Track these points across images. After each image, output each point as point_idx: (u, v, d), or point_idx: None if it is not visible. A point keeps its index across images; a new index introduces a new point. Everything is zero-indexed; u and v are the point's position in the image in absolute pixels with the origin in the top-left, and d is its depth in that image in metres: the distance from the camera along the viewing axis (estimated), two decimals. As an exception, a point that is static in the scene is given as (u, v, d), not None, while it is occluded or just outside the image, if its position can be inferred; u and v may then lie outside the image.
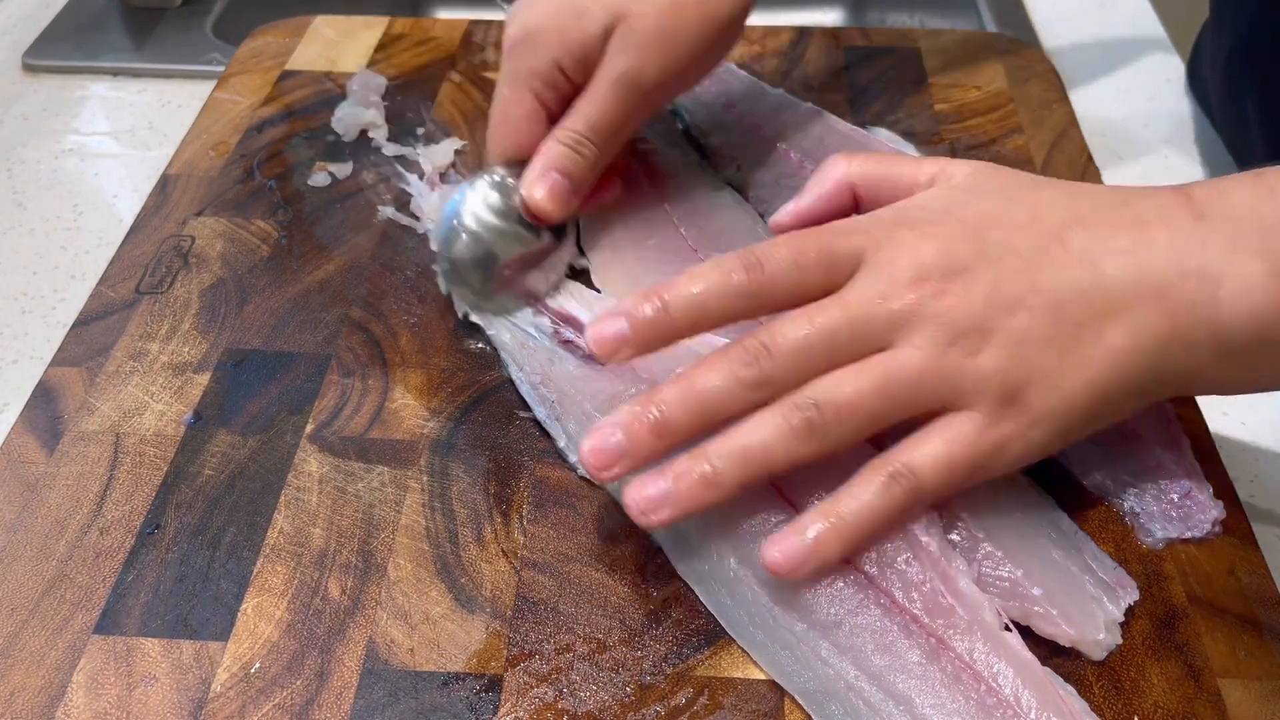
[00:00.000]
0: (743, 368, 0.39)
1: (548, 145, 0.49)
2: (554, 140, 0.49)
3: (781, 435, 0.38)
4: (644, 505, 0.39)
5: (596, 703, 0.38)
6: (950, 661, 0.38)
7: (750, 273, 0.40)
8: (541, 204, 0.49)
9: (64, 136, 0.68)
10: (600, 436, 0.40)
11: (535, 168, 0.49)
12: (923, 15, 0.89)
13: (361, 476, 0.45)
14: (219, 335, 0.51)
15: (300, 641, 0.40)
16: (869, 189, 0.45)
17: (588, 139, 0.49)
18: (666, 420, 0.39)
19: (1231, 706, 0.38)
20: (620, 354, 0.40)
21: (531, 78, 0.49)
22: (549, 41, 0.48)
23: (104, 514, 0.43)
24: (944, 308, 0.39)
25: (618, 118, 0.49)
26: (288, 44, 0.69)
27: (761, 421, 0.39)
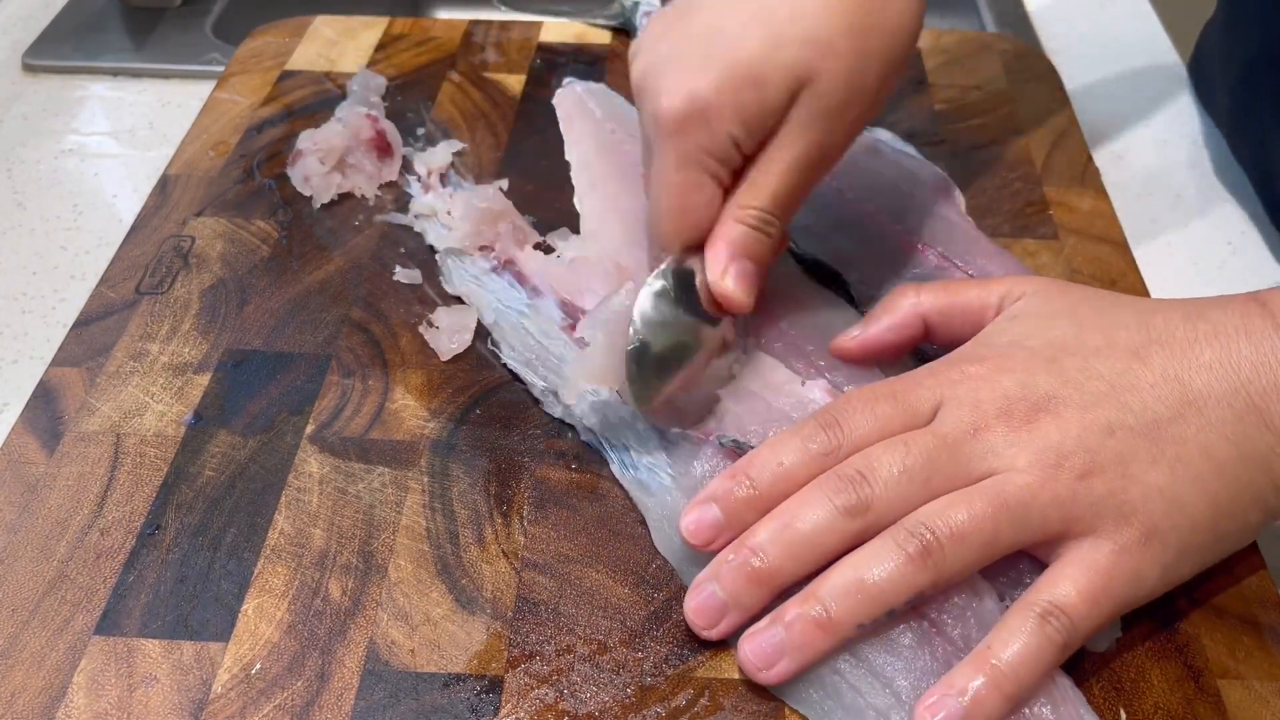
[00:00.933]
0: (838, 495, 0.38)
1: (728, 227, 0.44)
2: (735, 222, 0.44)
3: (897, 564, 0.36)
4: (760, 661, 0.37)
5: (597, 704, 0.38)
6: (942, 646, 0.38)
7: (829, 431, 0.39)
8: (733, 294, 0.44)
9: (64, 136, 0.68)
10: (700, 595, 0.39)
11: (721, 254, 0.44)
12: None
13: (362, 477, 0.45)
14: (219, 335, 0.51)
15: (301, 642, 0.40)
16: (940, 318, 0.44)
17: (772, 215, 0.44)
18: (767, 568, 0.38)
19: (1231, 707, 0.38)
20: (717, 541, 0.39)
21: (705, 158, 0.43)
22: (724, 116, 0.42)
23: (104, 515, 0.43)
24: (1040, 435, 0.38)
25: (803, 191, 0.45)
26: (288, 44, 0.69)
27: (873, 552, 0.37)
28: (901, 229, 0.54)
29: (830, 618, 0.37)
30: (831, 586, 0.37)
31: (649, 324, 0.44)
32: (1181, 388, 0.38)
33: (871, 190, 0.56)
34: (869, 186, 0.56)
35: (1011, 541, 0.37)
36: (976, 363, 0.40)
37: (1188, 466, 0.37)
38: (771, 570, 0.38)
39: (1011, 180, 0.59)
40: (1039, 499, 0.37)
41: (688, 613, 0.39)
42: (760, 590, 0.38)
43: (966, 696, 0.35)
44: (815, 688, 0.38)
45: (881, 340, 0.45)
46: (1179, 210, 0.63)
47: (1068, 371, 0.39)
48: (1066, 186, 0.59)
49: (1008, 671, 0.36)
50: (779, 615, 0.38)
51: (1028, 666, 0.36)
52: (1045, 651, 0.36)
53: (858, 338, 0.46)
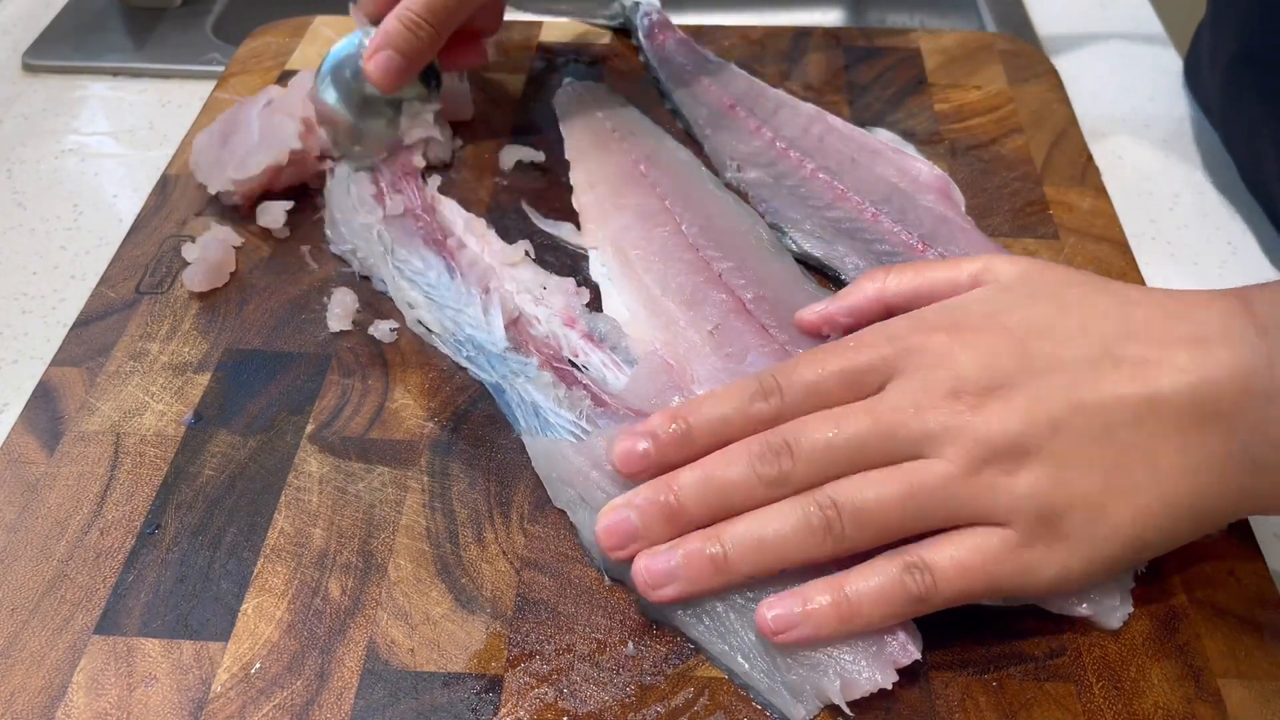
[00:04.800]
0: (762, 463, 0.39)
1: (388, 21, 0.54)
2: (394, 17, 0.54)
3: (798, 531, 0.38)
4: (650, 579, 0.39)
5: (597, 703, 0.38)
6: None
7: (770, 398, 0.40)
8: (374, 77, 0.55)
9: (64, 136, 0.68)
10: (614, 516, 0.40)
11: (374, 42, 0.55)
12: (923, 15, 0.89)
13: (362, 477, 0.45)
14: (219, 335, 0.51)
15: (301, 642, 0.40)
16: (906, 302, 0.44)
17: (423, 19, 0.54)
18: (682, 507, 0.39)
19: (1232, 707, 0.38)
20: (644, 472, 0.41)
21: None
22: None
23: (104, 514, 0.43)
24: (980, 423, 0.37)
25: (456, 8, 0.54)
26: (288, 44, 0.69)
27: (780, 513, 0.38)
28: (901, 229, 0.54)
29: (726, 561, 0.38)
30: (734, 534, 0.39)
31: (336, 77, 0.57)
32: (1147, 388, 0.37)
33: (871, 190, 0.56)
34: (868, 187, 0.56)
35: (918, 525, 0.38)
36: (944, 331, 0.40)
37: (1125, 476, 0.37)
38: (686, 512, 0.40)
39: (1011, 180, 0.59)
40: (955, 492, 0.37)
41: (598, 532, 0.40)
42: (670, 528, 0.40)
43: (805, 607, 0.37)
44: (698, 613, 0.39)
45: (840, 324, 0.46)
46: (1179, 210, 0.63)
47: (1033, 357, 0.38)
48: (1066, 186, 0.59)
49: (853, 599, 0.37)
50: (680, 543, 0.39)
51: (874, 604, 0.37)
52: (896, 597, 0.37)
53: (820, 312, 0.47)
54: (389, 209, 0.55)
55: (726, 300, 0.50)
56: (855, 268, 0.53)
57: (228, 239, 0.54)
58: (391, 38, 0.54)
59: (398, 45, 0.54)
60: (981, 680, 0.39)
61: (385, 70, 0.54)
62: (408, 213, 0.55)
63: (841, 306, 0.46)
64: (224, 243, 0.54)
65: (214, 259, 0.53)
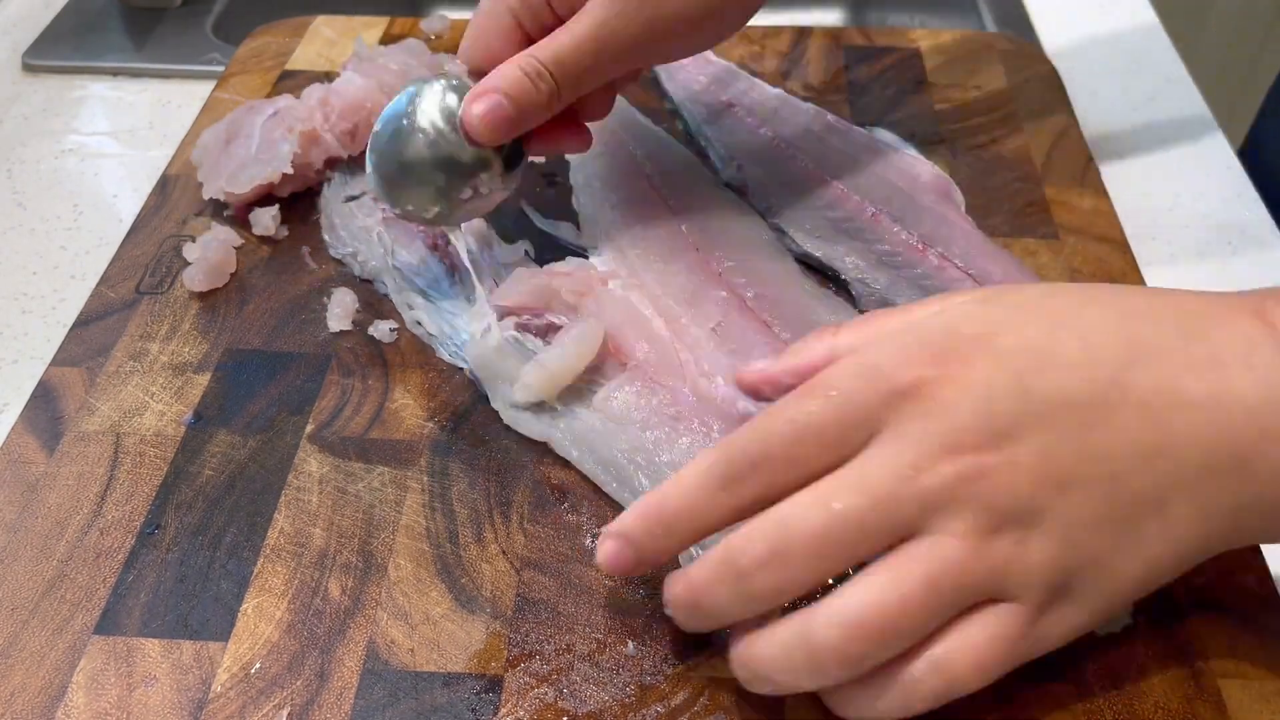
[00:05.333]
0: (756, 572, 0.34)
1: (505, 66, 0.46)
2: (513, 63, 0.46)
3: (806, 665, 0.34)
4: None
5: (597, 703, 0.38)
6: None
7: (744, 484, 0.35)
8: (474, 122, 0.45)
9: (64, 136, 0.68)
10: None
11: (484, 83, 0.46)
12: (923, 15, 0.89)
13: (362, 477, 0.45)
14: (219, 335, 0.51)
15: (300, 642, 0.40)
16: None
17: (549, 72, 0.45)
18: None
19: (1232, 707, 0.38)
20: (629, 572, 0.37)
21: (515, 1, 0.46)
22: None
23: (104, 514, 0.43)
24: (986, 489, 0.33)
25: (588, 64, 0.46)
26: (288, 44, 0.69)
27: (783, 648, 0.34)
28: (901, 229, 0.54)
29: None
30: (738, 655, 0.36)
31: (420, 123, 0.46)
32: (1159, 430, 0.33)
33: (871, 190, 0.56)
34: (869, 187, 0.56)
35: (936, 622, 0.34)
36: (931, 364, 0.34)
37: (1135, 529, 0.34)
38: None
39: (1011, 180, 0.59)
40: (971, 574, 0.33)
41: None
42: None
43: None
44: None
45: (784, 385, 0.40)
46: (1179, 210, 0.63)
47: (1034, 396, 0.34)
48: (1067, 186, 0.59)
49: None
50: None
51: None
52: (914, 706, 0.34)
53: (762, 372, 0.42)
54: (388, 211, 0.55)
55: (728, 299, 0.50)
56: (855, 267, 0.53)
57: (228, 239, 0.54)
58: (508, 82, 0.45)
59: (512, 92, 0.45)
60: (982, 680, 0.39)
61: (492, 117, 0.45)
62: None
63: (788, 368, 0.41)
64: (224, 243, 0.54)
65: (214, 259, 0.53)
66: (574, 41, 0.45)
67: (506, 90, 0.45)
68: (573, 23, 0.46)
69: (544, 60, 0.45)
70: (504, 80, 0.45)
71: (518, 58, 0.46)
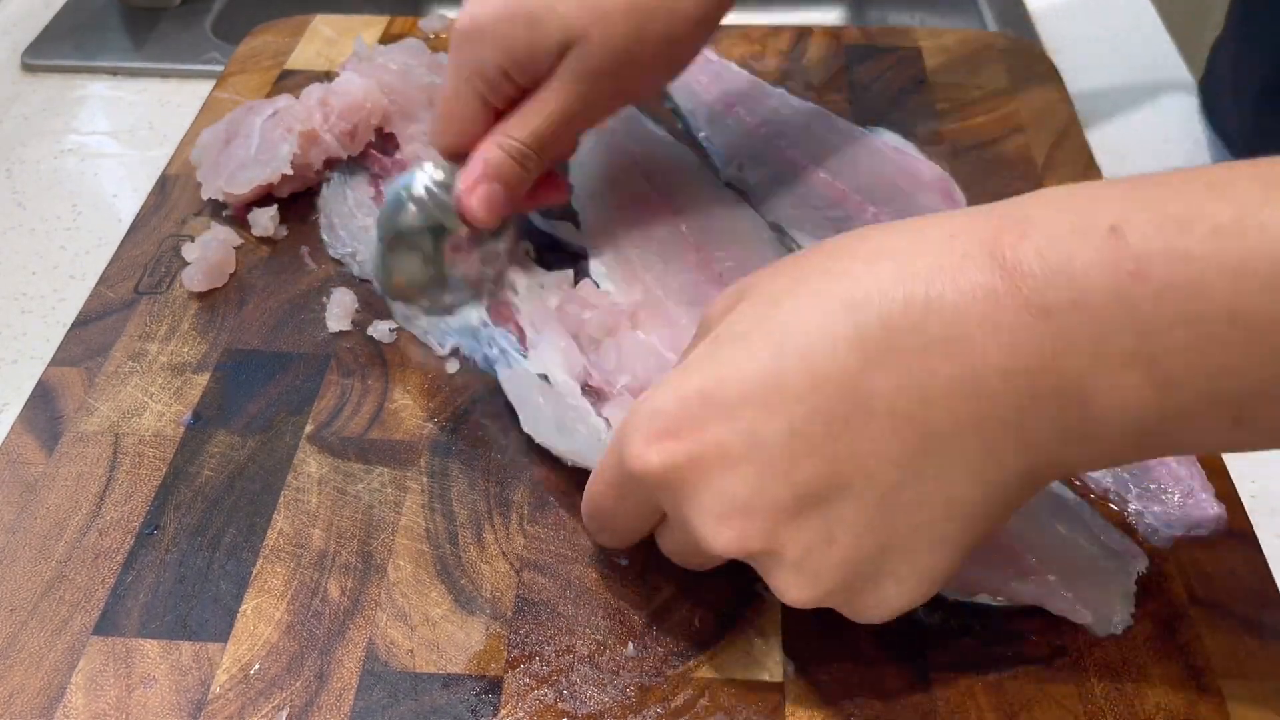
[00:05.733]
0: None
1: (488, 149, 0.47)
2: (494, 145, 0.47)
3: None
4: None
5: (597, 704, 0.38)
6: None
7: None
8: (475, 212, 0.48)
9: (63, 136, 0.68)
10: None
11: (473, 172, 0.47)
12: (923, 14, 0.89)
13: (361, 477, 0.45)
14: (218, 335, 0.50)
15: (300, 643, 0.40)
16: None
17: (530, 150, 0.47)
18: None
19: (1233, 707, 0.38)
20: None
21: (476, 78, 0.47)
22: (496, 46, 0.46)
23: (103, 514, 0.43)
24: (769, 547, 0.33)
25: (563, 134, 0.48)
26: (287, 43, 0.69)
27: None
28: (902, 228, 0.54)
29: None
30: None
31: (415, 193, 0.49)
32: (916, 431, 0.31)
33: (872, 190, 0.56)
34: (869, 186, 0.56)
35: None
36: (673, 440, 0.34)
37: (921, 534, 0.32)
38: None
39: (1012, 179, 0.59)
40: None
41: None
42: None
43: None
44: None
45: None
46: (1180, 210, 0.62)
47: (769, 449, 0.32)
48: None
49: None
50: None
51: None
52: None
53: None
54: None
55: (727, 300, 0.50)
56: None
57: (227, 239, 0.54)
58: (496, 169, 0.47)
59: (504, 177, 0.47)
60: (982, 680, 0.39)
61: (490, 205, 0.47)
62: None
63: None
64: (224, 243, 0.54)
65: (214, 259, 0.53)
66: (548, 117, 0.47)
67: (496, 176, 0.47)
68: (545, 97, 0.47)
69: (524, 140, 0.47)
70: (491, 167, 0.47)
71: (496, 139, 0.47)
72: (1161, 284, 0.28)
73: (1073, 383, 0.30)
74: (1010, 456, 0.31)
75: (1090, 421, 0.30)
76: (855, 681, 0.39)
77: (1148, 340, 0.29)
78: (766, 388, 0.32)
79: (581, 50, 0.45)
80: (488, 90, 0.47)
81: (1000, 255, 0.30)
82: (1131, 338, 0.29)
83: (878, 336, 0.31)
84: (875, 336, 0.31)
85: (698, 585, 0.41)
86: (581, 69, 0.45)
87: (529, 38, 0.45)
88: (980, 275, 0.30)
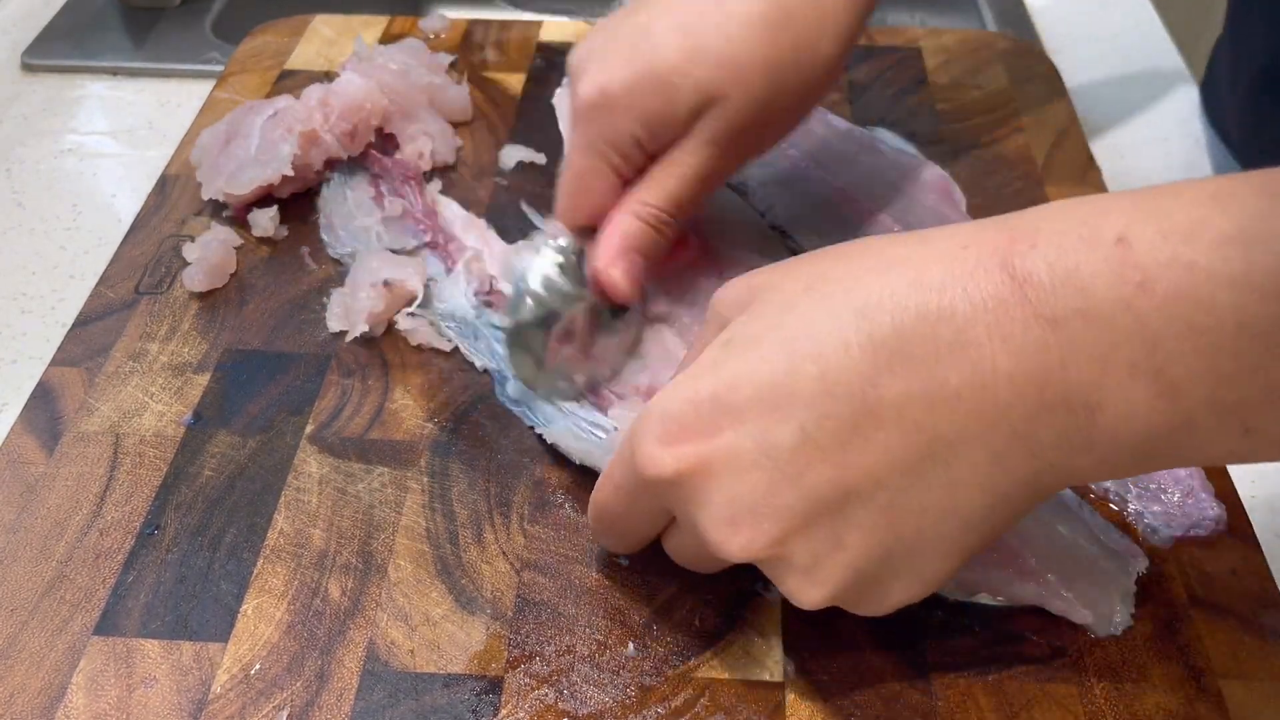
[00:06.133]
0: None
1: (624, 219, 0.45)
2: (631, 215, 0.45)
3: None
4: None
5: (597, 704, 0.38)
6: None
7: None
8: (619, 285, 0.45)
9: (63, 136, 0.68)
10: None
11: (612, 244, 0.45)
12: (923, 14, 0.89)
13: (361, 477, 0.45)
14: (219, 335, 0.50)
15: (300, 643, 0.40)
16: None
17: (668, 215, 0.45)
18: None
19: (1233, 707, 0.38)
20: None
21: (608, 149, 0.44)
22: (629, 114, 0.43)
23: (104, 515, 0.43)
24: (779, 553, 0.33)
25: (697, 197, 0.45)
26: (287, 43, 0.68)
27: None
28: (902, 229, 0.54)
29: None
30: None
31: (531, 285, 0.46)
32: (924, 438, 0.31)
33: (872, 190, 0.56)
34: (869, 186, 0.56)
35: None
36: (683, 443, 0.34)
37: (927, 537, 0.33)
38: None
39: (1012, 179, 0.59)
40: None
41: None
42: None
43: None
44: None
45: None
46: (1180, 209, 0.62)
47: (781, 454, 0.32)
48: (1068, 186, 0.59)
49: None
50: None
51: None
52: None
53: None
54: (387, 210, 0.55)
55: (727, 300, 0.50)
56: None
57: (228, 239, 0.54)
58: (635, 240, 0.44)
59: (644, 247, 0.45)
60: (982, 680, 0.39)
61: (633, 278, 0.45)
62: (406, 214, 0.55)
63: None
64: (224, 243, 0.54)
65: (214, 259, 0.53)
66: (685, 181, 0.45)
67: (638, 246, 0.45)
68: (680, 159, 0.44)
69: (661, 206, 0.45)
70: (630, 237, 0.45)
71: (632, 208, 0.45)
72: (1168, 295, 0.29)
73: (1081, 392, 0.30)
74: (1017, 465, 0.31)
75: (1098, 431, 0.30)
76: (855, 681, 0.39)
77: (1155, 350, 0.29)
78: (778, 392, 0.32)
79: (719, 111, 0.43)
80: (621, 161, 0.45)
81: (1011, 265, 0.31)
82: (1139, 348, 0.29)
83: (890, 344, 0.31)
84: (887, 344, 0.31)
85: (698, 585, 0.41)
86: (719, 130, 0.43)
87: (664, 104, 0.43)
88: (991, 285, 0.31)
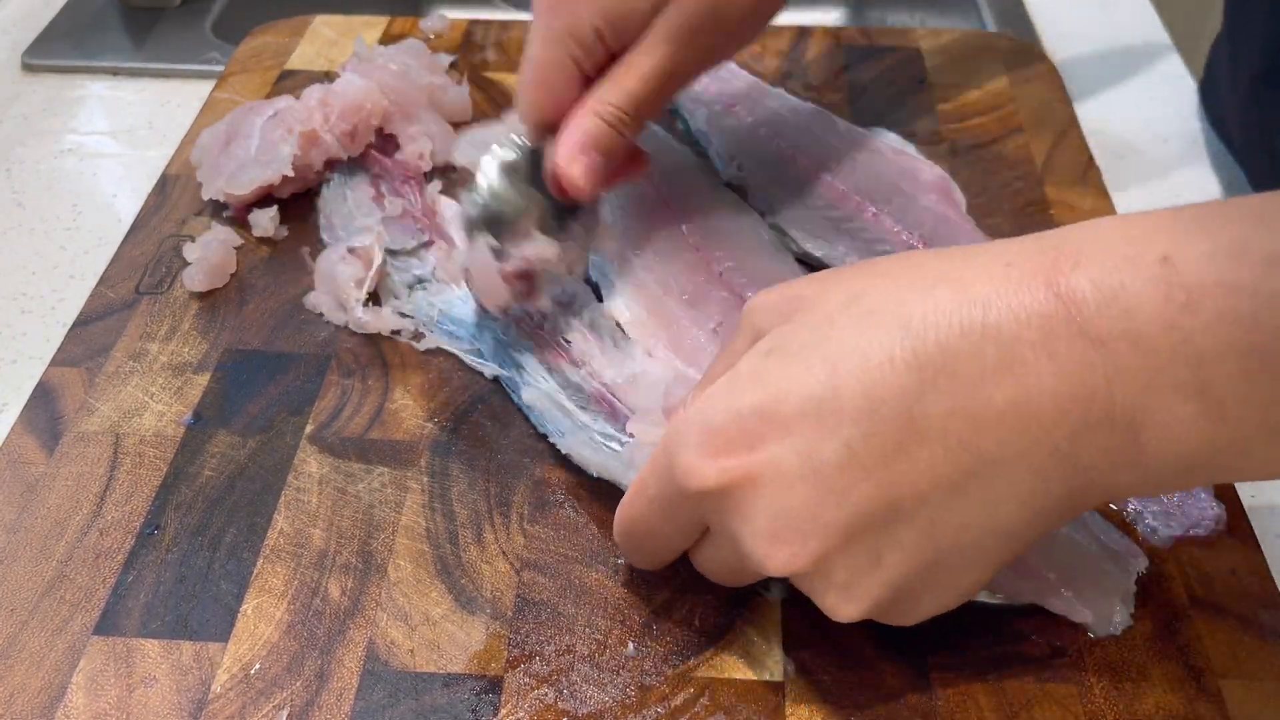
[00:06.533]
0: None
1: (584, 118, 0.45)
2: (592, 114, 0.45)
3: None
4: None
5: (597, 704, 0.38)
6: None
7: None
8: (577, 181, 0.45)
9: (63, 136, 0.68)
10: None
11: (571, 141, 0.45)
12: (923, 14, 0.89)
13: (361, 477, 0.45)
14: (219, 335, 0.51)
15: (300, 642, 0.40)
16: None
17: (628, 115, 0.45)
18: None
19: (1233, 707, 0.38)
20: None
21: (568, 39, 0.45)
22: (589, 5, 0.44)
23: (104, 514, 0.43)
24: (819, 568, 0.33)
25: (657, 94, 0.45)
26: (287, 43, 0.69)
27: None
28: (902, 229, 0.54)
29: None
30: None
31: (492, 191, 0.46)
32: (968, 455, 0.31)
33: (871, 190, 0.56)
34: (869, 186, 0.56)
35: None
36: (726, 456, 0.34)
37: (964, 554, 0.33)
38: None
39: (1012, 180, 0.59)
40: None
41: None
42: None
43: None
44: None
45: None
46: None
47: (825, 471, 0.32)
48: (1068, 186, 0.59)
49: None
50: None
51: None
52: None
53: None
54: (387, 210, 0.55)
55: (728, 299, 0.50)
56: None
57: (228, 239, 0.54)
58: (595, 138, 0.45)
59: (603, 146, 0.45)
60: (982, 680, 0.39)
61: (593, 176, 0.45)
62: (406, 214, 0.55)
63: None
64: (224, 243, 0.54)
65: (214, 259, 0.53)
66: (644, 79, 0.45)
67: (598, 145, 0.45)
68: (639, 59, 0.45)
69: (620, 105, 0.45)
70: (591, 135, 0.45)
71: (592, 106, 0.45)
72: (1213, 315, 0.29)
73: (1125, 411, 0.30)
74: (1057, 482, 0.32)
75: (1141, 450, 0.30)
76: (855, 681, 0.39)
77: (1200, 370, 0.29)
78: (823, 407, 0.32)
79: (674, 8, 0.44)
80: (582, 53, 0.45)
81: (1055, 284, 0.31)
82: (1184, 368, 0.29)
83: (935, 360, 0.31)
84: (932, 360, 0.31)
85: (698, 585, 0.41)
86: (674, 26, 0.44)
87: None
88: (1036, 303, 0.31)
